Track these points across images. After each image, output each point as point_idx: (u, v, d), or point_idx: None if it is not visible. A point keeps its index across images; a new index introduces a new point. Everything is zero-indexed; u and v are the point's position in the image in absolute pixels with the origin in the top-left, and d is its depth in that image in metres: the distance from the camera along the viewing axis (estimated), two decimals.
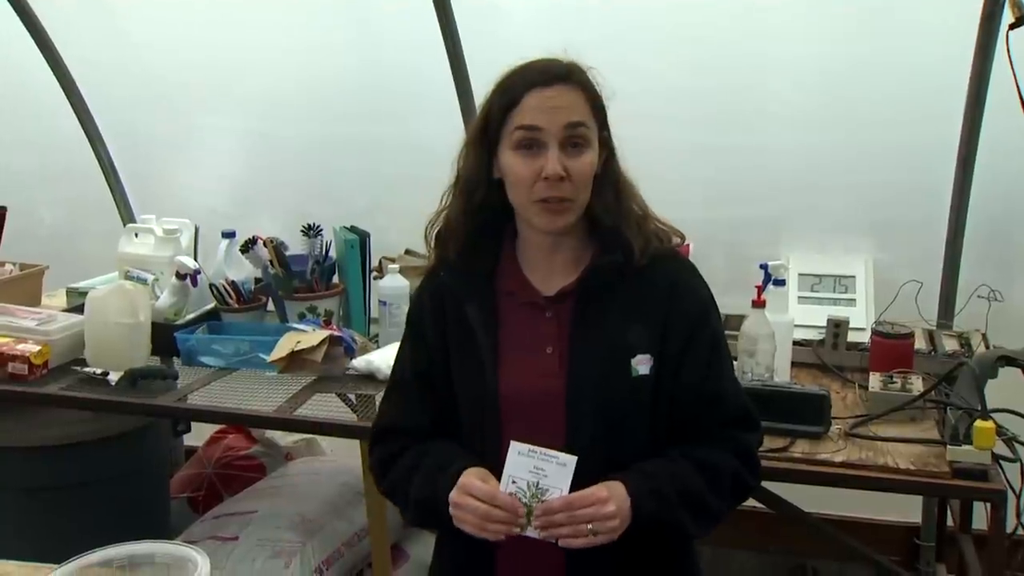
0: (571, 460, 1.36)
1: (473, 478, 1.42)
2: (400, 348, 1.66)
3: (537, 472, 1.37)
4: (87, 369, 2.48)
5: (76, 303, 2.85)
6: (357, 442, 2.33)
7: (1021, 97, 2.15)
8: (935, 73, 2.58)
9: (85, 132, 3.46)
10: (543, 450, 1.38)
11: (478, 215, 1.53)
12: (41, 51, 3.30)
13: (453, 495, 1.43)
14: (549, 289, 1.54)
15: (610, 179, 1.52)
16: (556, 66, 1.48)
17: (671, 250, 1.58)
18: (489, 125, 1.49)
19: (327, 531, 2.72)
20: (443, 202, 1.57)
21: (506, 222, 1.57)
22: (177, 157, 3.49)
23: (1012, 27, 2.16)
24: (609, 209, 1.51)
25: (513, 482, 1.39)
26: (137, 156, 3.52)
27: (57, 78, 3.35)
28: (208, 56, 3.21)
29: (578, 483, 1.44)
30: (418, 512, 1.54)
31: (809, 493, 2.40)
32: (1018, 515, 2.01)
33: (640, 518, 1.41)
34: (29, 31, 3.25)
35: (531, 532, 1.39)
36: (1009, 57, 2.14)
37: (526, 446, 1.39)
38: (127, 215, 3.53)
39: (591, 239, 1.55)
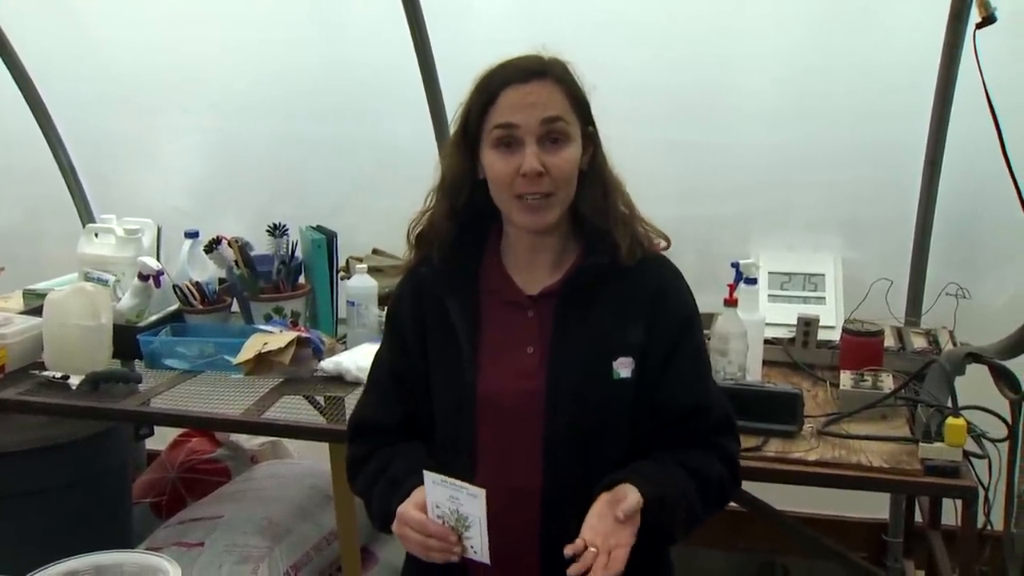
0: (480, 492, 1.36)
1: (409, 507, 1.43)
2: (380, 344, 1.66)
3: (454, 500, 1.38)
4: (46, 373, 2.43)
5: (34, 305, 2.79)
6: (326, 444, 2.30)
7: (988, 96, 2.17)
8: (904, 71, 2.60)
9: (42, 130, 3.38)
10: (453, 480, 1.37)
11: (463, 216, 1.52)
12: None
13: (394, 526, 1.44)
14: (532, 288, 1.52)
15: (597, 176, 1.51)
16: (533, 62, 1.46)
17: (658, 254, 1.56)
18: (468, 125, 1.48)
19: (295, 535, 2.68)
20: (427, 203, 1.55)
21: (491, 221, 1.55)
22: (138, 156, 3.42)
23: (979, 26, 2.17)
24: (597, 208, 1.50)
25: (437, 507, 1.40)
26: (97, 155, 3.45)
27: (12, 75, 3.27)
28: (171, 52, 3.15)
29: (555, 485, 1.45)
30: (380, 524, 1.55)
31: (776, 490, 2.41)
32: (987, 512, 2.03)
33: (643, 523, 1.39)
34: None
35: (471, 555, 1.40)
36: (976, 56, 2.15)
37: (439, 476, 1.38)
38: (86, 215, 3.46)
39: (576, 237, 1.53)
